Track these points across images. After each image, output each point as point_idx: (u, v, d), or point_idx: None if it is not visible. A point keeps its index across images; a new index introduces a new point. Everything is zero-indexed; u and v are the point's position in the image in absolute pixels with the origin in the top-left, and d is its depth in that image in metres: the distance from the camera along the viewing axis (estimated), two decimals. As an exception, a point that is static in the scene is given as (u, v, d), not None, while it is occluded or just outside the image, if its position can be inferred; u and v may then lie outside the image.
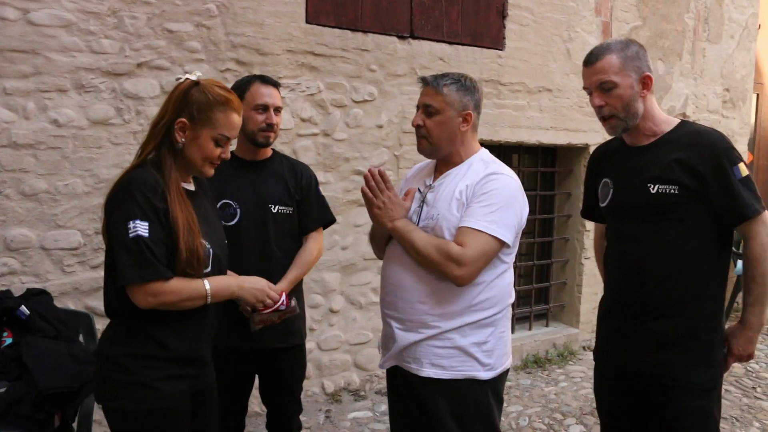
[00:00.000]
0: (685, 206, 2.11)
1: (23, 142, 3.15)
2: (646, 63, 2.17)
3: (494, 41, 4.75)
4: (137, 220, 1.81)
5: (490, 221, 2.10)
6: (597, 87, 2.16)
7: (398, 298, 2.24)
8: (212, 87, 1.96)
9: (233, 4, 3.64)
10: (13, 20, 3.10)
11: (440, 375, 2.18)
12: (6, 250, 3.16)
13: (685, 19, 6.01)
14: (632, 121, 2.17)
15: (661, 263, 2.16)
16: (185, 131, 1.94)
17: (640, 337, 2.22)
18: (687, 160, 2.09)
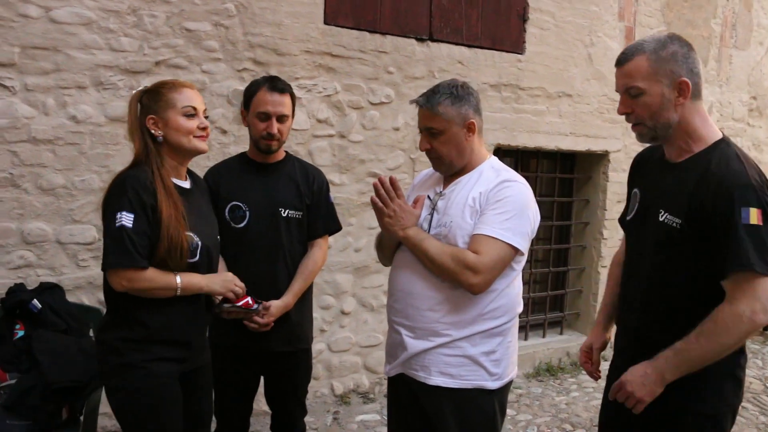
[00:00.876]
0: (686, 246, 1.86)
1: (42, 137, 3.21)
2: (687, 65, 1.87)
3: (514, 45, 4.72)
4: (124, 211, 2.00)
5: (505, 229, 2.08)
6: (624, 91, 1.94)
7: (408, 305, 2.22)
8: (157, 84, 2.20)
9: (252, 4, 3.67)
10: (35, 18, 3.16)
11: (449, 384, 2.16)
12: (23, 243, 3.21)
13: (712, 24, 5.92)
14: (662, 132, 1.92)
15: (659, 304, 1.96)
16: (157, 124, 2.13)
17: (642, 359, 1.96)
18: (695, 191, 1.83)
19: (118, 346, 2.09)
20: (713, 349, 1.77)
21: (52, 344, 2.59)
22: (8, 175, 3.15)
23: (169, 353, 2.13)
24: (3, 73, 3.11)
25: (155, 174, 2.08)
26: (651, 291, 1.98)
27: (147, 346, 2.09)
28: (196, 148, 2.19)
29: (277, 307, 2.60)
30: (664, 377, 1.82)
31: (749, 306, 1.72)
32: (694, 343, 1.78)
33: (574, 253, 5.55)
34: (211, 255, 2.25)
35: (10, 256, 3.18)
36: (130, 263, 2.00)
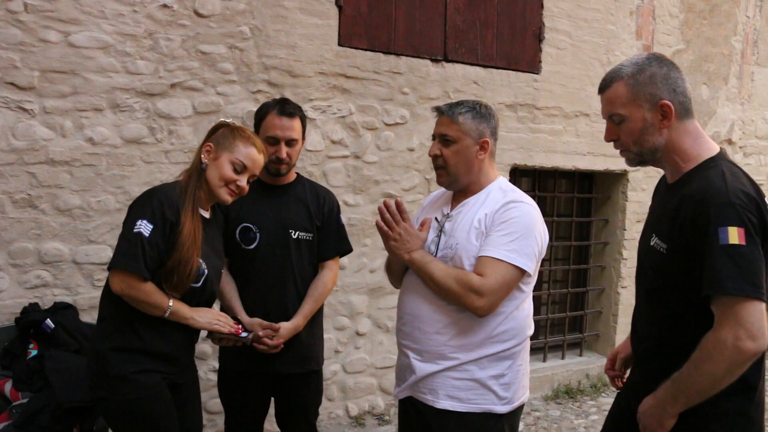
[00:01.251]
0: (670, 270, 1.79)
1: (59, 159, 3.26)
2: (668, 86, 1.81)
3: (530, 65, 4.71)
4: (146, 220, 2.10)
5: (511, 250, 2.06)
6: (608, 119, 1.92)
7: (416, 328, 2.21)
8: (241, 128, 2.32)
9: (266, 27, 3.71)
10: (55, 42, 3.22)
11: (456, 407, 2.14)
12: (40, 263, 3.25)
13: (732, 42, 5.86)
14: (649, 156, 1.88)
15: (650, 330, 1.92)
16: (209, 153, 2.26)
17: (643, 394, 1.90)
18: (676, 212, 1.77)
19: (108, 356, 2.15)
20: (702, 380, 1.67)
21: (64, 364, 2.60)
22: (26, 195, 3.20)
23: (156, 367, 2.19)
24: (23, 96, 3.17)
25: (189, 194, 2.20)
26: (648, 317, 1.95)
27: (137, 356, 2.14)
28: (219, 196, 2.27)
29: (286, 329, 2.59)
30: (665, 409, 1.75)
31: (732, 332, 1.61)
32: (685, 373, 1.70)
33: (593, 274, 5.48)
34: (213, 286, 2.33)
35: (27, 276, 3.22)
36: (136, 269, 2.07)
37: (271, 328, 2.57)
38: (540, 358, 5.15)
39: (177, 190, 2.20)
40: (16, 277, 3.20)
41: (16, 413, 2.51)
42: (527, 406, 4.66)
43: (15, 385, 2.61)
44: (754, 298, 1.60)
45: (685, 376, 1.70)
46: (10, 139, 3.15)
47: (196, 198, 2.22)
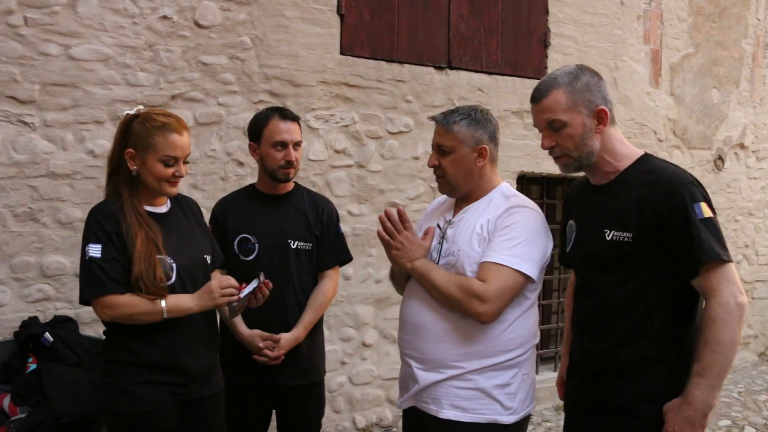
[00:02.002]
0: (640, 256, 1.87)
1: (60, 172, 3.25)
2: (600, 94, 1.93)
3: (536, 71, 4.66)
4: (91, 243, 2.06)
5: (513, 255, 2.02)
6: (545, 126, 1.97)
7: (418, 337, 2.15)
8: (150, 115, 2.16)
9: (267, 37, 3.70)
10: (55, 56, 3.23)
11: (461, 417, 2.07)
12: (42, 277, 3.24)
13: (743, 44, 5.80)
14: (587, 160, 1.95)
15: (620, 320, 1.92)
16: (134, 159, 2.14)
17: (599, 401, 1.98)
18: (643, 200, 1.85)
19: (110, 369, 2.13)
20: (727, 349, 1.75)
21: (62, 378, 2.58)
22: (28, 209, 3.19)
23: (159, 378, 2.12)
24: (23, 110, 3.17)
25: (126, 203, 2.12)
26: (607, 313, 1.95)
27: (138, 369, 2.10)
28: (163, 192, 2.19)
29: (287, 340, 2.56)
30: (708, 404, 1.77)
31: (730, 292, 1.76)
32: (709, 355, 1.76)
33: (604, 282, 5.38)
34: (193, 275, 2.21)
35: (29, 290, 3.20)
36: (103, 291, 2.03)
37: (271, 339, 2.54)
38: (551, 368, 5.07)
39: (110, 201, 2.14)
40: (18, 290, 3.19)
41: (14, 428, 2.49)
42: (538, 416, 4.58)
43: (13, 400, 2.59)
44: (730, 261, 1.80)
45: (712, 358, 1.76)
46: (11, 153, 3.15)
47: (135, 204, 2.13)
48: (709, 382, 1.76)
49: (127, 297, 2.05)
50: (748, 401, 4.98)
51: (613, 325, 1.94)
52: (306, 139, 3.83)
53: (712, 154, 5.72)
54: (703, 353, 1.77)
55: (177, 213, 2.30)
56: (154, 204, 2.23)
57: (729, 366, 1.79)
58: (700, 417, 1.77)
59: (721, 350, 1.74)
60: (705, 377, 1.76)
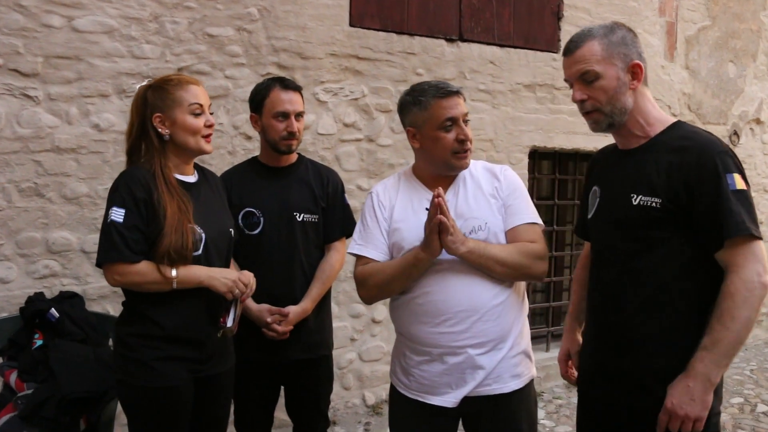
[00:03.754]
0: (667, 224, 1.79)
1: (65, 146, 3.20)
2: (636, 50, 1.86)
3: (548, 44, 4.56)
4: (115, 207, 2.03)
5: (534, 212, 2.14)
6: (578, 78, 1.88)
7: (477, 321, 2.02)
8: (162, 79, 2.18)
9: (275, 8, 3.61)
10: (58, 27, 3.16)
11: (519, 385, 2.09)
12: (48, 253, 3.21)
13: (761, 17, 5.66)
14: (619, 117, 1.87)
15: (637, 290, 1.85)
16: (164, 123, 2.12)
17: (613, 376, 1.91)
18: (674, 167, 1.78)
19: (129, 341, 2.10)
20: (741, 327, 1.68)
21: (69, 354, 2.55)
22: (33, 184, 3.15)
23: (181, 352, 2.10)
24: (27, 83, 3.11)
25: (157, 171, 2.09)
26: (628, 281, 1.88)
27: (158, 343, 2.07)
28: (201, 149, 2.18)
29: (295, 313, 2.52)
30: (710, 380, 1.70)
31: (755, 269, 1.69)
32: (721, 331, 1.69)
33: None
34: (219, 247, 2.22)
35: (35, 266, 3.17)
36: (118, 257, 2.01)
37: (279, 314, 2.50)
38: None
39: (141, 168, 2.10)
40: (24, 267, 3.15)
41: (21, 404, 2.46)
42: (549, 393, 4.55)
43: (20, 376, 2.56)
44: (760, 237, 1.73)
45: (722, 335, 1.69)
46: (15, 127, 3.10)
47: (166, 173, 2.11)
48: (715, 357, 1.69)
49: (141, 266, 2.03)
50: (760, 379, 4.93)
51: (633, 294, 1.86)
52: (315, 112, 3.77)
53: (728, 129, 5.61)
54: (714, 327, 1.70)
55: (204, 184, 2.29)
56: (185, 172, 2.21)
57: (740, 345, 1.71)
58: (701, 392, 1.70)
59: (734, 327, 1.68)
60: (711, 352, 1.70)
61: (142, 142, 2.15)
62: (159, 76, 2.24)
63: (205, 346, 2.16)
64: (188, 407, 2.14)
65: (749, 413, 4.27)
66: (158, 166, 2.10)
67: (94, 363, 2.56)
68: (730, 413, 4.22)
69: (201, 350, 2.15)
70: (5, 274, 3.11)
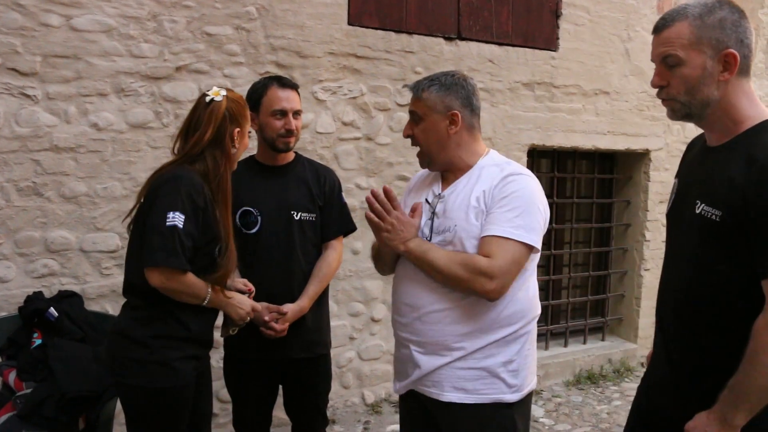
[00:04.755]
0: (724, 242, 1.59)
1: (64, 145, 3.19)
2: (736, 35, 1.60)
3: (547, 42, 4.56)
4: (177, 212, 2.02)
5: (517, 227, 1.91)
6: (660, 61, 1.68)
7: (415, 319, 2.04)
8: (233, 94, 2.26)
9: (273, 7, 3.61)
10: (56, 26, 3.15)
11: (463, 399, 1.99)
12: (46, 252, 3.20)
13: (759, 15, 5.65)
14: (698, 110, 1.66)
15: (700, 305, 1.68)
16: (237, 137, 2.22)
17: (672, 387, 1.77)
18: (739, 177, 1.55)
19: (149, 343, 2.08)
20: (758, 375, 1.49)
21: (67, 353, 2.55)
22: (31, 183, 3.14)
23: (198, 351, 2.19)
24: (25, 82, 3.11)
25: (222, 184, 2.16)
26: (687, 295, 1.73)
27: (183, 344, 2.12)
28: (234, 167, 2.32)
29: (292, 311, 2.53)
30: (727, 421, 1.55)
31: None
32: (742, 373, 1.52)
33: (615, 256, 5.33)
34: None
35: (33, 265, 3.17)
36: (177, 264, 2.02)
37: (278, 312, 2.50)
38: (561, 343, 5.04)
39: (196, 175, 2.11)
40: (23, 266, 3.15)
41: (20, 403, 2.47)
42: (548, 392, 4.56)
43: (19, 375, 2.56)
44: None
45: (743, 378, 1.52)
46: (14, 126, 3.09)
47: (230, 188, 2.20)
48: (735, 399, 1.54)
49: (189, 276, 2.07)
50: None
51: (696, 308, 1.70)
52: (313, 111, 3.77)
53: (726, 127, 5.60)
54: (740, 368, 1.53)
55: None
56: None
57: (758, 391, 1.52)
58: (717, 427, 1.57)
59: (755, 374, 1.50)
60: (733, 393, 1.55)
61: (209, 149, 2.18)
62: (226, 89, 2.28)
63: (210, 344, 2.28)
64: (191, 402, 2.19)
65: None
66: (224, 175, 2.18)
67: (93, 362, 2.56)
68: None
69: (207, 348, 2.26)
70: (4, 274, 3.11)
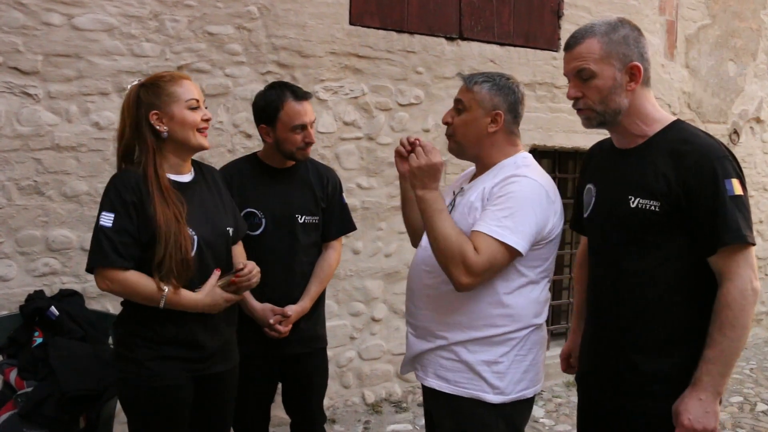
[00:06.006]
0: (666, 228, 1.78)
1: (65, 144, 3.20)
2: (638, 50, 1.82)
3: (548, 42, 4.56)
4: (104, 211, 2.00)
5: (502, 226, 1.87)
6: (574, 75, 1.86)
7: (411, 303, 2.16)
8: (154, 77, 2.14)
9: (275, 6, 3.61)
10: (58, 25, 3.15)
11: (443, 388, 2.02)
12: (47, 251, 3.21)
13: (761, 15, 5.66)
14: (611, 117, 1.84)
15: (635, 294, 1.84)
16: (162, 120, 2.07)
17: (612, 378, 1.91)
18: (671, 169, 1.76)
19: (127, 341, 2.10)
20: (741, 335, 1.69)
21: (68, 352, 2.55)
22: (32, 182, 3.15)
23: (179, 353, 2.08)
24: (27, 81, 3.11)
25: (150, 173, 2.03)
26: (625, 286, 1.87)
27: (155, 345, 2.06)
28: (200, 145, 2.15)
29: (295, 312, 2.55)
30: (718, 391, 1.71)
31: (748, 276, 1.69)
32: (722, 341, 1.69)
33: (616, 257, 5.32)
34: (214, 249, 2.16)
35: (35, 264, 3.17)
36: (105, 262, 1.97)
37: (283, 314, 2.52)
38: (561, 344, 5.02)
39: (131, 172, 2.05)
40: (24, 265, 3.15)
41: (21, 402, 2.47)
42: (548, 392, 4.55)
43: (20, 374, 2.56)
44: (753, 243, 1.72)
45: (724, 345, 1.69)
46: (15, 125, 3.09)
47: (161, 174, 2.05)
48: (720, 368, 1.70)
49: (130, 274, 1.99)
50: (760, 378, 4.94)
51: (631, 297, 1.85)
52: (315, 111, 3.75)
53: (728, 128, 5.61)
54: (715, 338, 1.70)
55: (200, 182, 2.24)
56: (181, 172, 2.16)
57: (740, 351, 1.72)
58: (712, 404, 1.71)
59: (733, 336, 1.68)
60: (716, 363, 1.70)
61: (135, 143, 2.09)
62: (149, 75, 2.21)
63: (205, 347, 2.14)
64: (187, 406, 2.12)
65: (749, 412, 4.27)
66: (151, 168, 2.04)
67: (94, 361, 2.56)
68: (729, 412, 4.23)
69: (200, 350, 2.13)
70: (5, 272, 3.11)
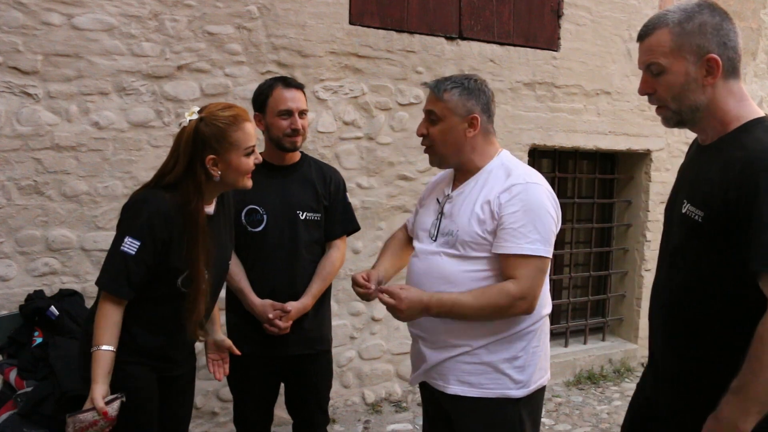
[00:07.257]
0: (709, 245, 1.57)
1: (65, 144, 3.20)
2: (718, 39, 1.59)
3: (548, 42, 4.56)
4: (131, 237, 1.97)
5: (533, 241, 1.95)
6: (645, 69, 1.69)
7: None
8: (215, 113, 2.05)
9: (275, 6, 3.61)
10: (58, 25, 3.15)
11: (468, 392, 2.05)
12: (47, 251, 3.21)
13: (761, 15, 5.64)
14: (689, 115, 1.66)
15: (685, 307, 1.67)
16: (217, 164, 2.05)
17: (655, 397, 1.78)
18: (719, 178, 1.56)
19: None
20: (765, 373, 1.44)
21: (68, 352, 2.54)
22: (32, 182, 3.15)
23: (147, 361, 2.11)
24: (26, 80, 3.11)
25: (191, 209, 2.02)
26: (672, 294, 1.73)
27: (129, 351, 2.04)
28: (245, 187, 2.16)
29: (295, 308, 2.54)
30: (738, 426, 1.48)
31: None
32: (747, 375, 1.46)
33: (616, 257, 5.33)
34: (216, 284, 2.23)
35: (34, 264, 3.17)
36: (115, 291, 1.99)
37: (282, 310, 2.52)
38: (561, 344, 5.04)
39: (166, 202, 2.01)
40: (24, 264, 3.16)
41: (20, 402, 2.47)
42: (548, 392, 4.55)
43: (20, 374, 2.57)
44: None
45: (748, 379, 1.46)
46: (15, 125, 3.10)
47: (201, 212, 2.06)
48: (742, 403, 1.47)
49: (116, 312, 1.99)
50: None
51: (668, 314, 1.73)
52: (315, 110, 3.77)
53: (728, 128, 5.60)
54: (743, 369, 1.47)
55: (220, 213, 2.24)
56: (208, 203, 2.15)
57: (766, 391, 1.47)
58: None
59: (761, 374, 1.44)
60: (738, 396, 1.48)
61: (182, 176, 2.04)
62: (208, 107, 2.10)
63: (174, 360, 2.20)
64: (156, 404, 2.15)
65: None
66: (193, 206, 2.03)
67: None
68: None
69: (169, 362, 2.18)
70: (5, 272, 3.11)
